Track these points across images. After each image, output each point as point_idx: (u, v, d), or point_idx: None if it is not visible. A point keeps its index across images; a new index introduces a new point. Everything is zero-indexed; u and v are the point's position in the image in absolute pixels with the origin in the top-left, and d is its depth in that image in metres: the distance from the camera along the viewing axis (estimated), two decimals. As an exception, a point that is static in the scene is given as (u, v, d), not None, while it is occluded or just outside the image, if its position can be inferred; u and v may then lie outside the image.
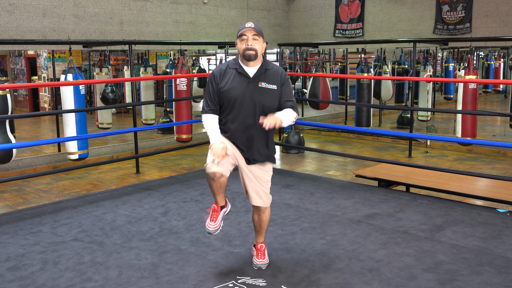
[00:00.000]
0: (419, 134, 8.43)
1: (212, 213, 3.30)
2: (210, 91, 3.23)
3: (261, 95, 3.15)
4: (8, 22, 7.51)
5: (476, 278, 3.21)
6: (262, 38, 3.17)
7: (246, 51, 3.11)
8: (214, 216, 3.29)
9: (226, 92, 3.17)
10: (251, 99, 3.15)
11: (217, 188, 3.20)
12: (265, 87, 3.16)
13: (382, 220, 4.34)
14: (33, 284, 3.22)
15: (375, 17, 10.52)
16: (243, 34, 3.12)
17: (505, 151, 8.30)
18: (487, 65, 16.51)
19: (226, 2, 10.53)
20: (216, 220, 3.28)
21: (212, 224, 3.27)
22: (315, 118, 11.78)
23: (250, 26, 3.11)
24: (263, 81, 3.17)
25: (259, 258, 3.42)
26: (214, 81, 3.21)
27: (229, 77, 3.19)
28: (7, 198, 6.14)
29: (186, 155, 8.58)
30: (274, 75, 3.20)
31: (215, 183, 3.16)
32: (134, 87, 9.09)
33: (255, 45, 3.11)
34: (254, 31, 3.11)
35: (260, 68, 3.19)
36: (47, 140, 6.67)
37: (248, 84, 3.16)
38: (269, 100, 3.18)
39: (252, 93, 3.15)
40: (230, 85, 3.17)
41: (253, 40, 3.11)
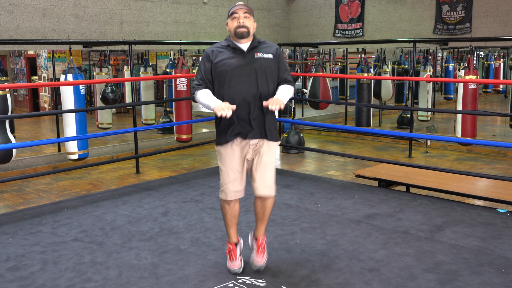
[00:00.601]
0: (419, 134, 8.43)
1: (230, 254, 3.33)
2: (203, 69, 3.21)
3: (259, 64, 3.15)
4: (8, 22, 7.51)
5: (476, 278, 3.21)
6: (253, 17, 3.20)
7: (238, 28, 3.13)
8: (233, 256, 3.31)
9: (223, 66, 3.14)
10: (250, 69, 3.14)
11: (231, 217, 3.28)
12: (261, 57, 3.17)
13: (382, 220, 4.34)
14: (33, 284, 3.22)
15: (375, 17, 10.52)
16: (234, 12, 3.14)
17: (505, 151, 8.30)
18: (487, 65, 16.52)
19: (226, 2, 10.53)
20: (236, 258, 3.31)
21: (233, 264, 3.31)
22: (315, 118, 11.78)
23: (241, 4, 3.15)
24: (258, 52, 3.19)
25: (258, 256, 3.30)
26: (207, 60, 3.19)
27: (224, 54, 3.18)
28: (7, 198, 6.14)
29: (186, 155, 8.58)
30: (268, 47, 3.24)
31: (230, 209, 3.25)
32: (134, 87, 9.10)
33: (246, 23, 3.14)
34: (245, 8, 3.15)
35: (253, 42, 3.21)
36: (47, 140, 6.67)
37: (244, 56, 3.16)
38: (268, 68, 3.18)
39: (250, 63, 3.15)
40: (226, 60, 3.15)
41: (245, 18, 3.13)
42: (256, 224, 3.38)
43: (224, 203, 3.26)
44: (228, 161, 3.21)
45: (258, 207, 3.29)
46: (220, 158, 3.26)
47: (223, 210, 3.30)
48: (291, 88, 3.24)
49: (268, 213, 3.32)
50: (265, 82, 3.15)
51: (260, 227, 3.35)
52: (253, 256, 3.34)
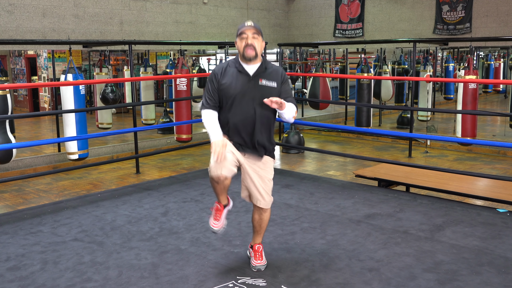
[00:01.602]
0: (419, 134, 8.43)
1: (216, 212, 3.34)
2: (210, 89, 3.26)
3: (261, 92, 3.18)
4: (8, 22, 7.51)
5: (476, 278, 3.21)
6: (261, 37, 3.21)
7: (246, 49, 3.15)
8: (218, 215, 3.34)
9: (227, 89, 3.20)
10: (252, 96, 3.18)
11: (221, 190, 3.25)
12: (265, 85, 3.20)
13: (382, 220, 4.34)
14: (33, 284, 3.22)
15: (375, 17, 10.52)
16: (242, 32, 3.16)
17: (505, 151, 8.29)
18: (487, 65, 16.51)
19: (226, 2, 10.53)
20: (220, 219, 3.33)
21: (216, 223, 3.32)
22: (315, 118, 11.78)
23: (250, 25, 3.16)
24: (263, 79, 3.21)
25: (257, 260, 3.41)
26: (215, 79, 3.25)
27: (230, 75, 3.22)
28: (7, 198, 6.14)
29: (186, 155, 8.58)
30: (273, 74, 3.25)
31: (219, 185, 3.19)
32: (134, 87, 9.09)
33: (254, 44, 3.15)
34: (254, 29, 3.16)
35: (260, 67, 3.23)
36: (47, 140, 6.67)
37: (248, 82, 3.20)
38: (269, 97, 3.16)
39: (253, 90, 3.19)
40: (231, 82, 3.20)
41: (253, 39, 3.15)
42: (253, 235, 3.48)
43: (212, 180, 3.20)
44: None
45: (256, 220, 3.39)
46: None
47: (212, 184, 3.26)
48: (294, 106, 3.23)
49: (265, 226, 3.43)
50: (265, 109, 3.20)
51: (257, 238, 3.46)
52: (252, 261, 3.45)
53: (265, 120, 3.24)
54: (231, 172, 3.14)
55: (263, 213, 3.35)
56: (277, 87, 3.24)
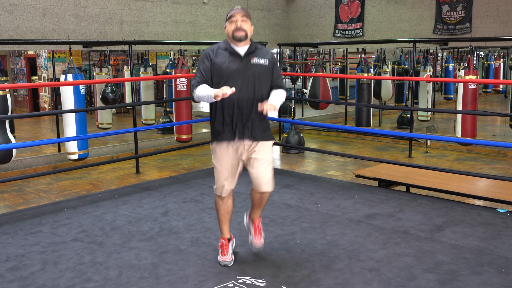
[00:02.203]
0: (419, 134, 8.43)
1: (221, 248, 3.48)
2: (202, 68, 3.30)
3: (254, 70, 3.28)
4: (8, 22, 7.51)
5: (476, 278, 3.21)
6: (250, 21, 3.31)
7: (236, 31, 3.23)
8: (225, 250, 3.46)
9: (220, 68, 3.26)
10: (246, 74, 3.27)
11: (224, 213, 3.43)
12: (257, 63, 3.30)
13: (382, 220, 4.34)
14: (33, 284, 3.22)
15: (375, 17, 10.52)
16: (232, 16, 3.26)
17: (505, 151, 8.30)
18: (487, 65, 16.51)
19: (226, 2, 10.53)
20: (228, 253, 3.46)
21: (225, 257, 3.44)
22: (315, 118, 11.78)
23: (239, 8, 3.28)
24: (255, 57, 3.31)
25: (256, 238, 3.53)
26: (207, 59, 3.30)
27: (222, 56, 3.30)
28: (7, 198, 6.14)
29: (186, 155, 8.58)
30: (263, 53, 3.37)
31: (223, 205, 3.41)
32: (134, 87, 9.10)
33: (244, 26, 3.24)
34: (243, 12, 3.27)
35: (250, 47, 3.33)
36: (47, 140, 6.67)
37: (241, 61, 3.28)
38: (263, 74, 3.31)
39: (246, 68, 3.27)
40: (223, 62, 3.27)
41: (242, 22, 3.24)
42: (252, 209, 3.56)
43: (218, 198, 3.42)
44: (223, 160, 3.35)
45: (256, 198, 3.46)
46: (214, 156, 3.40)
47: (216, 205, 3.46)
48: (283, 92, 3.39)
49: (265, 203, 3.52)
50: (259, 86, 3.30)
51: (256, 211, 3.55)
52: (251, 238, 3.57)
53: (259, 98, 3.30)
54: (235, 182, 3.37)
55: (264, 193, 3.42)
56: (269, 65, 3.35)
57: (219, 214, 3.47)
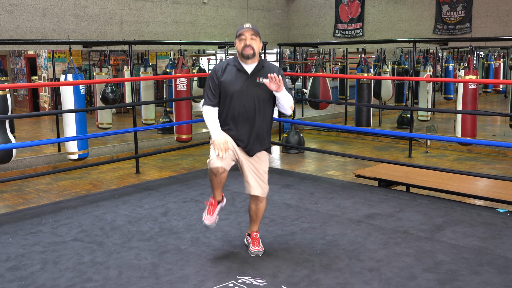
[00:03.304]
0: (419, 134, 8.43)
1: (209, 207, 3.53)
2: (211, 86, 3.46)
3: (259, 89, 3.39)
4: (8, 22, 7.51)
5: (476, 278, 3.21)
6: (259, 38, 3.42)
7: (244, 49, 3.35)
8: (211, 210, 3.52)
9: (226, 86, 3.39)
10: (250, 93, 3.38)
11: (217, 183, 3.43)
12: (262, 82, 3.36)
13: (382, 220, 4.34)
14: (33, 284, 3.22)
15: (375, 17, 10.52)
16: (241, 34, 3.37)
17: (505, 151, 8.29)
18: (487, 65, 16.51)
19: (226, 2, 10.53)
20: (213, 214, 3.51)
21: (209, 218, 3.50)
22: (315, 118, 11.78)
23: (248, 27, 3.37)
24: (260, 77, 3.39)
25: (254, 246, 3.62)
26: (215, 76, 3.44)
27: (230, 73, 3.42)
28: (7, 198, 6.14)
29: (186, 155, 8.58)
30: (270, 71, 3.41)
31: (217, 178, 3.37)
32: (134, 87, 9.10)
33: (252, 44, 3.35)
34: (252, 31, 3.37)
35: (258, 65, 3.43)
36: (47, 140, 6.67)
37: (247, 79, 3.40)
38: (266, 94, 3.41)
39: (251, 87, 3.39)
40: (230, 79, 3.40)
41: (251, 40, 3.35)
42: (250, 223, 3.70)
43: (211, 172, 3.40)
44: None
45: (252, 209, 3.59)
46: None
47: (210, 177, 3.45)
48: (290, 96, 3.44)
49: (261, 215, 3.63)
50: (262, 105, 3.43)
51: (254, 226, 3.67)
52: (250, 247, 3.66)
53: (262, 116, 3.44)
54: (229, 165, 3.37)
55: (259, 203, 3.55)
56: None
57: (212, 183, 3.46)
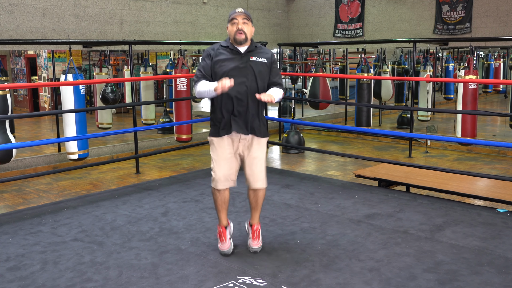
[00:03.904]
0: (419, 134, 8.43)
1: (220, 236, 3.62)
2: (203, 65, 3.47)
3: (253, 67, 3.42)
4: (8, 22, 7.51)
5: (476, 278, 3.21)
6: (251, 23, 3.44)
7: (237, 33, 3.38)
8: (223, 237, 3.59)
9: (221, 67, 3.40)
10: (244, 71, 3.40)
11: (221, 203, 3.53)
12: (256, 60, 3.44)
13: (382, 220, 4.34)
14: (33, 284, 3.22)
15: (375, 17, 10.52)
16: (234, 18, 3.39)
17: (505, 151, 8.30)
18: (487, 65, 16.51)
19: (226, 2, 10.53)
20: (226, 240, 3.59)
21: (224, 245, 3.58)
22: (315, 118, 11.78)
23: (240, 11, 3.39)
24: (254, 56, 3.45)
25: (254, 240, 3.63)
26: (208, 57, 3.46)
27: (223, 54, 3.44)
28: (7, 198, 6.14)
29: (186, 155, 8.58)
30: (263, 52, 3.51)
31: (220, 196, 3.50)
32: (134, 87, 9.10)
33: (244, 28, 3.38)
34: (244, 15, 3.39)
35: (250, 46, 3.47)
36: (47, 140, 6.67)
37: (241, 58, 3.43)
38: (260, 72, 3.44)
39: (245, 65, 3.42)
40: (224, 59, 3.42)
41: (243, 24, 3.38)
42: (251, 212, 3.68)
43: (215, 190, 3.51)
44: (220, 152, 3.49)
45: (251, 197, 3.60)
46: (212, 148, 3.55)
47: (213, 196, 3.56)
48: (281, 90, 3.51)
49: (261, 202, 3.63)
50: (257, 83, 3.43)
51: (254, 215, 3.65)
52: (249, 241, 3.67)
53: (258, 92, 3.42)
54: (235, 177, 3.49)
55: (258, 190, 3.57)
56: (267, 63, 3.48)
57: (216, 204, 3.57)
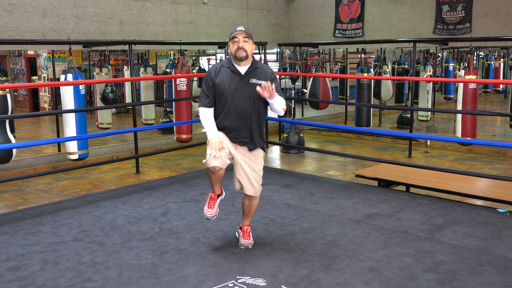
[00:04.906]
0: (419, 134, 8.43)
1: (210, 200, 3.68)
2: (205, 88, 3.61)
3: (252, 89, 3.51)
4: (8, 22, 7.51)
5: (476, 278, 3.21)
6: (251, 40, 3.54)
7: (238, 52, 3.48)
8: (212, 203, 3.67)
9: (220, 87, 3.53)
10: (243, 93, 3.51)
11: (216, 180, 3.58)
12: (255, 83, 3.51)
13: (382, 220, 4.34)
14: (33, 284, 3.22)
15: (375, 17, 10.52)
16: (234, 36, 3.49)
17: (505, 151, 8.29)
18: (487, 65, 16.51)
19: (226, 2, 10.53)
20: (214, 207, 3.66)
21: (210, 211, 3.65)
22: (315, 118, 11.78)
23: (241, 30, 3.49)
24: (253, 78, 3.54)
25: (245, 239, 3.76)
26: (210, 78, 3.58)
27: (223, 74, 3.55)
28: (7, 198, 6.14)
29: (186, 155, 8.58)
30: (263, 72, 3.59)
31: (214, 175, 3.53)
32: (134, 87, 9.10)
33: (245, 47, 3.48)
34: (245, 33, 3.49)
35: (251, 67, 3.56)
36: (47, 140, 6.67)
37: (240, 80, 3.53)
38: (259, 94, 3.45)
39: (244, 88, 3.52)
40: (224, 81, 3.53)
41: (244, 42, 3.48)
42: (242, 217, 3.83)
43: (208, 171, 3.53)
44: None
45: (246, 204, 3.74)
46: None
47: (208, 175, 3.59)
48: (283, 99, 3.57)
49: (254, 210, 3.78)
50: (255, 105, 3.56)
51: (246, 220, 3.81)
52: (240, 240, 3.80)
53: (256, 115, 3.58)
54: (225, 164, 3.48)
55: (253, 199, 3.69)
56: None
57: (210, 180, 3.61)
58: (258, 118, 3.61)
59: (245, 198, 3.72)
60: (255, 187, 3.63)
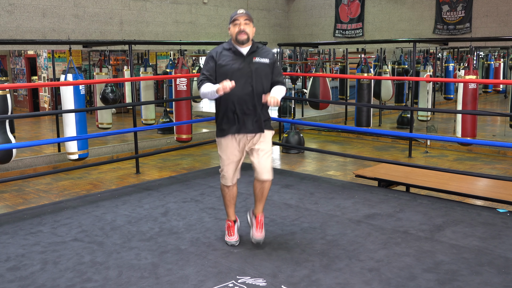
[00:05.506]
0: (419, 134, 8.43)
1: (228, 230, 3.78)
2: (207, 68, 3.57)
3: (256, 67, 3.54)
4: (8, 22, 7.51)
5: (476, 278, 3.21)
6: (252, 23, 3.56)
7: (239, 34, 3.49)
8: (231, 231, 3.77)
9: (225, 69, 3.52)
10: (248, 72, 3.52)
11: (230, 199, 3.71)
12: (258, 61, 3.55)
13: (382, 220, 4.34)
14: (33, 284, 3.22)
15: (375, 17, 10.52)
16: (235, 19, 3.51)
17: (505, 151, 8.29)
18: (487, 65, 16.51)
19: (226, 2, 10.53)
20: (234, 233, 3.76)
21: (232, 237, 3.75)
22: (315, 118, 11.78)
23: (242, 12, 3.51)
24: (256, 57, 3.56)
25: (257, 231, 3.70)
26: (212, 59, 3.57)
27: (226, 56, 3.56)
28: (7, 198, 6.14)
29: (186, 155, 8.58)
30: (265, 52, 3.63)
31: (229, 191, 3.67)
32: (134, 87, 9.10)
33: (246, 29, 3.50)
34: (246, 16, 3.51)
35: (252, 47, 3.59)
36: (47, 140, 6.67)
37: (244, 60, 3.55)
38: (263, 72, 3.56)
39: (248, 66, 3.53)
40: (227, 62, 3.53)
41: (245, 25, 3.50)
42: (255, 203, 3.77)
43: (224, 187, 3.70)
44: (228, 151, 3.63)
45: (257, 188, 3.69)
46: (220, 147, 3.69)
47: (222, 192, 3.74)
48: (283, 88, 3.65)
49: (266, 194, 3.73)
50: (260, 83, 3.56)
51: (259, 205, 3.76)
52: (252, 231, 3.75)
53: (260, 94, 3.55)
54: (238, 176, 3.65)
55: (265, 182, 3.66)
56: (269, 63, 3.59)
57: (225, 200, 3.75)
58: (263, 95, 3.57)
59: (256, 182, 3.69)
60: (270, 171, 3.63)
